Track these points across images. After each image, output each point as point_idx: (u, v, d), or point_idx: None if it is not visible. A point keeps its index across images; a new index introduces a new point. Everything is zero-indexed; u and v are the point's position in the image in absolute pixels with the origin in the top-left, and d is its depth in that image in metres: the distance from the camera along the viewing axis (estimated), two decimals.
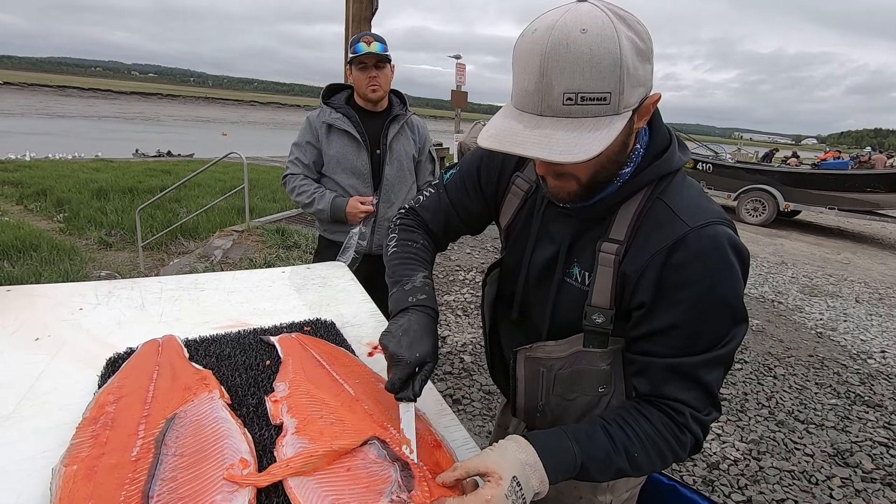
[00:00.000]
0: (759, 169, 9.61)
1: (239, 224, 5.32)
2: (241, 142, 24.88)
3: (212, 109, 75.99)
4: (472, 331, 3.39)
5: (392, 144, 1.88)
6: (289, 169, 1.93)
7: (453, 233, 0.99)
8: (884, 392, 3.06)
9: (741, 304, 0.68)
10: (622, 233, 0.71)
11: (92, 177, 9.11)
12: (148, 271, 5.17)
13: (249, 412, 0.78)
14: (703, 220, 0.67)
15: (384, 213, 1.90)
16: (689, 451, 0.72)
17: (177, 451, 0.64)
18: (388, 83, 1.85)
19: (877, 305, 4.80)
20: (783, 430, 2.55)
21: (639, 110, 0.63)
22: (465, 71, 11.56)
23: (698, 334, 0.67)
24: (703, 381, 0.69)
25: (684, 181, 0.73)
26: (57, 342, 0.99)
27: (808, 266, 6.11)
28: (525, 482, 0.62)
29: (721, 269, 0.66)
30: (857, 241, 8.49)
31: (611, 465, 0.67)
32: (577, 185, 0.69)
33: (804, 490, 2.14)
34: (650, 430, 0.69)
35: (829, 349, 3.64)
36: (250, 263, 4.01)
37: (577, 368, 0.80)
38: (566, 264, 0.79)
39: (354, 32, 2.61)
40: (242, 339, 1.02)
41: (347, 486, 0.62)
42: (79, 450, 0.63)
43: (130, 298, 1.23)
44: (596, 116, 0.59)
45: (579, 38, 0.56)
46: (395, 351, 0.73)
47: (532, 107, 0.61)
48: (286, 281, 1.43)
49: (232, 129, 37.92)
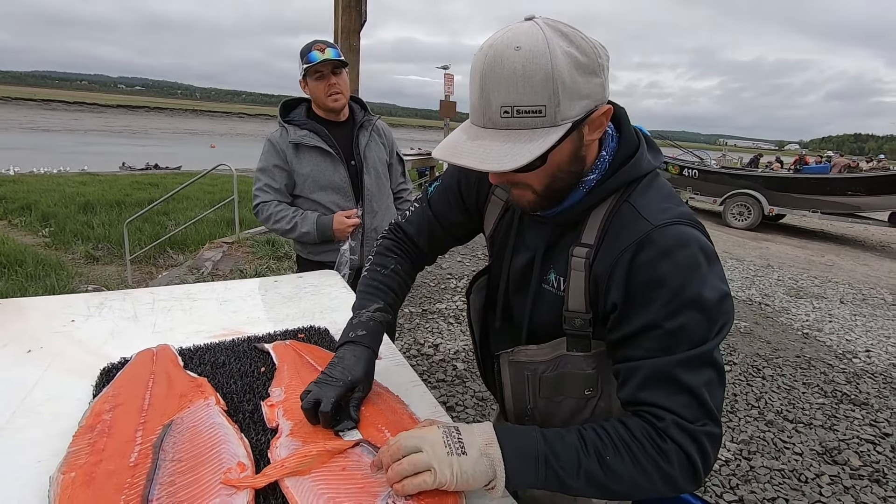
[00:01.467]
0: (744, 174, 9.77)
1: (229, 236, 5.30)
2: (230, 154, 24.78)
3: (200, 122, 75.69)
4: (465, 338, 3.40)
5: (366, 153, 1.83)
6: (259, 197, 1.80)
7: (439, 244, 1.02)
8: (869, 390, 3.11)
9: (716, 302, 0.66)
10: (592, 237, 0.73)
11: (78, 190, 9.02)
12: (136, 285, 5.11)
13: (245, 418, 0.79)
14: (667, 220, 0.68)
15: (370, 223, 1.88)
16: (680, 468, 0.64)
17: (174, 456, 0.65)
18: (348, 90, 1.78)
19: (860, 306, 4.89)
20: (772, 430, 2.59)
21: (586, 122, 0.65)
22: (453, 81, 11.68)
23: (674, 334, 0.65)
24: (687, 384, 0.65)
25: (653, 184, 0.74)
26: (49, 354, 0.99)
27: (793, 268, 6.21)
28: (466, 433, 0.65)
29: (690, 268, 0.66)
30: (840, 243, 8.65)
31: (580, 467, 0.64)
32: (532, 194, 0.71)
33: (794, 488, 2.17)
34: (625, 433, 0.66)
35: (815, 349, 3.70)
36: (241, 275, 3.99)
37: (563, 372, 0.81)
38: (542, 271, 0.81)
39: (343, 44, 2.63)
40: (237, 347, 1.02)
41: (343, 486, 0.63)
42: (76, 457, 0.64)
43: (122, 309, 1.23)
44: (532, 128, 0.62)
45: (513, 55, 0.60)
46: (326, 371, 0.79)
47: (477, 120, 0.65)
48: (279, 290, 1.44)
49: (220, 142, 37.80)
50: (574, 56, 0.61)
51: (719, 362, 0.67)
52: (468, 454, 0.63)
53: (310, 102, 1.83)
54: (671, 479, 0.64)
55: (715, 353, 0.66)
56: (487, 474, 0.62)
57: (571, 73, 0.61)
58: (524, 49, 0.60)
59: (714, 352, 0.66)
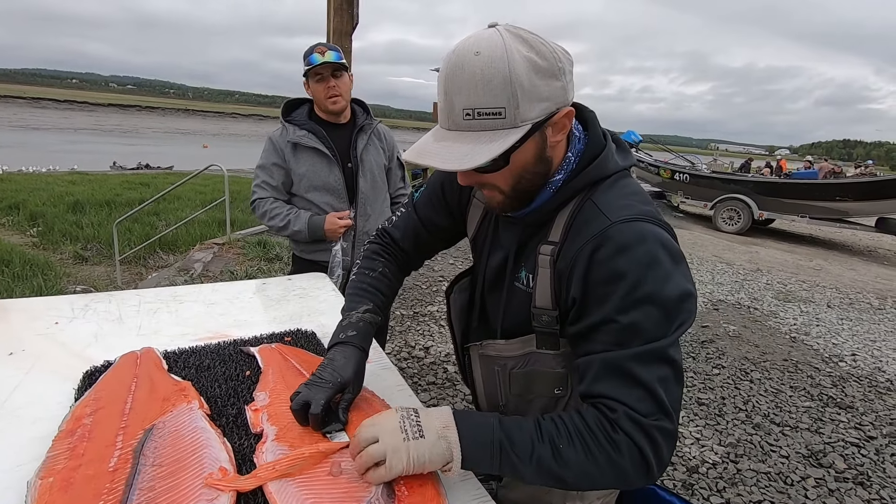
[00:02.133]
0: (734, 178, 9.87)
1: (220, 237, 5.27)
2: (223, 154, 24.63)
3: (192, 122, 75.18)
4: None
5: (363, 156, 1.86)
6: (256, 193, 1.85)
7: (425, 248, 1.04)
8: (854, 394, 3.15)
9: (676, 299, 0.66)
10: (558, 234, 0.75)
11: (67, 190, 8.92)
12: (125, 286, 5.07)
13: (229, 422, 0.79)
14: (626, 216, 0.69)
15: (362, 226, 1.89)
16: (631, 460, 0.65)
17: (155, 461, 0.64)
18: (349, 92, 1.81)
19: (847, 310, 4.95)
20: (759, 433, 2.61)
21: (549, 124, 0.67)
22: None
23: (628, 329, 0.66)
24: (640, 378, 0.65)
25: (617, 183, 0.75)
26: (31, 356, 0.98)
27: (782, 273, 6.28)
28: (425, 416, 0.67)
29: (647, 264, 0.66)
30: (828, 248, 8.76)
31: (533, 452, 0.65)
32: (500, 194, 0.74)
33: (780, 491, 2.19)
34: (580, 423, 0.67)
35: (802, 353, 3.74)
36: (231, 276, 3.97)
37: (532, 369, 0.83)
38: (514, 269, 0.83)
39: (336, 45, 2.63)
40: (222, 351, 1.02)
41: (327, 491, 0.63)
42: (54, 462, 0.63)
43: (108, 311, 1.22)
44: (492, 130, 0.64)
45: (473, 60, 0.63)
46: (316, 373, 0.79)
47: (442, 122, 0.68)
48: (267, 292, 1.43)
49: (213, 142, 37.54)
50: (533, 60, 0.63)
51: (676, 359, 0.67)
52: (426, 437, 0.65)
53: (312, 103, 1.86)
54: (622, 470, 0.65)
55: (672, 349, 0.66)
56: (444, 456, 0.64)
57: (530, 76, 0.63)
58: (483, 54, 0.62)
59: (670, 348, 0.66)
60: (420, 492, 0.64)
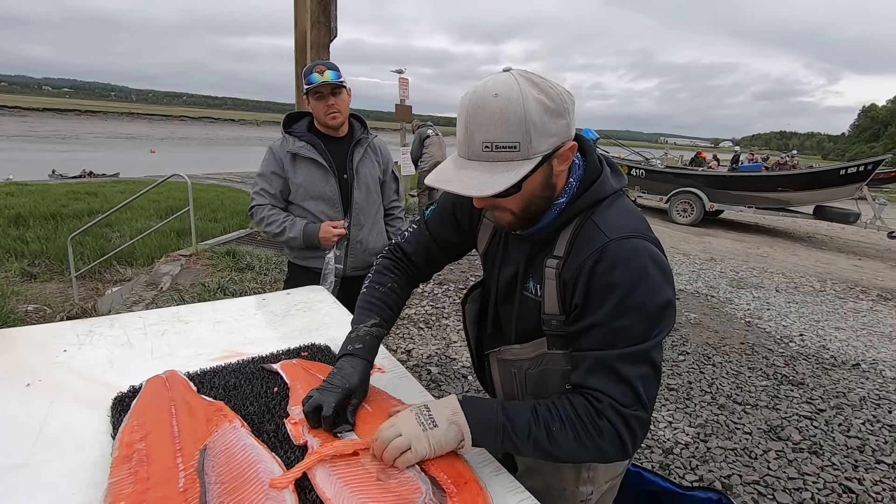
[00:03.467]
0: (686, 173, 10.40)
1: (185, 248, 5.12)
2: (173, 159, 23.64)
3: (137, 125, 71.64)
4: (436, 343, 3.47)
5: (358, 168, 1.94)
6: (255, 200, 1.94)
7: (435, 262, 1.13)
8: (804, 371, 3.44)
9: (660, 308, 0.77)
10: (562, 250, 0.85)
11: (6, 202, 8.36)
12: (83, 302, 4.85)
13: (270, 437, 0.83)
14: (623, 234, 0.80)
15: (356, 235, 1.96)
16: (613, 445, 0.77)
17: (217, 479, 0.68)
18: (347, 108, 1.90)
19: (793, 294, 5.35)
20: (724, 413, 2.82)
21: (555, 156, 0.77)
22: (408, 85, 11.70)
23: (617, 332, 0.77)
24: (625, 375, 0.76)
25: (614, 203, 0.86)
26: (50, 386, 0.98)
27: (733, 261, 6.69)
28: (435, 408, 0.79)
29: (639, 277, 0.76)
30: (773, 235, 9.37)
31: (530, 434, 0.77)
32: (511, 215, 0.84)
33: (746, 465, 2.38)
34: (570, 410, 0.78)
35: (757, 336, 4.03)
36: (203, 288, 3.88)
37: (546, 369, 0.92)
38: (524, 280, 0.92)
39: (313, 58, 2.64)
40: (244, 369, 1.05)
41: (381, 495, 0.69)
42: (119, 487, 0.66)
43: (114, 336, 1.22)
44: (508, 161, 0.74)
45: (492, 101, 0.72)
46: (326, 380, 0.88)
47: (462, 152, 0.77)
48: (269, 308, 1.46)
49: (161, 146, 35.91)
50: (543, 102, 0.73)
51: (656, 361, 0.79)
52: (439, 425, 0.77)
53: (312, 116, 1.93)
54: (602, 450, 0.78)
55: (653, 351, 0.78)
56: (457, 438, 0.77)
57: (541, 115, 0.73)
58: (501, 96, 0.72)
59: (652, 350, 0.78)
60: (466, 488, 0.71)
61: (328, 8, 2.52)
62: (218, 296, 3.77)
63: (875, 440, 2.65)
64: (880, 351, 3.91)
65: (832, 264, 7.10)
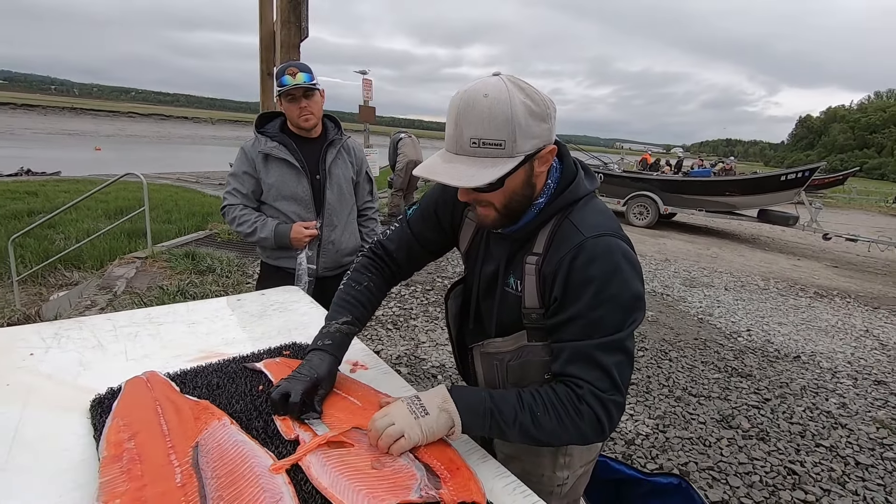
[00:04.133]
0: (642, 177, 10.83)
1: (140, 250, 4.91)
2: (120, 158, 22.47)
3: (81, 121, 67.59)
4: (405, 343, 3.49)
5: (331, 169, 1.94)
6: (227, 200, 1.93)
7: (416, 260, 1.16)
8: (752, 364, 3.67)
9: (632, 300, 0.84)
10: (541, 247, 0.91)
11: None
12: (26, 308, 4.57)
13: (259, 434, 0.84)
14: (597, 232, 0.86)
15: (328, 236, 1.95)
16: (591, 426, 0.83)
17: (213, 474, 0.69)
18: (320, 110, 1.90)
19: (740, 292, 5.68)
20: (681, 405, 2.98)
21: (536, 157, 0.82)
22: (371, 86, 11.64)
23: (594, 323, 0.83)
24: (602, 363, 0.82)
25: (588, 204, 0.92)
26: (21, 390, 0.95)
27: (686, 261, 7.03)
28: (425, 397, 0.83)
29: (613, 272, 0.83)
30: (721, 237, 9.91)
31: (516, 419, 0.82)
32: (494, 211, 0.88)
33: (701, 452, 2.53)
34: (553, 396, 0.84)
35: (708, 332, 4.27)
36: (162, 292, 3.74)
37: (526, 360, 0.97)
38: (504, 277, 0.97)
39: (283, 58, 2.61)
40: (226, 369, 1.05)
41: (378, 483, 0.71)
42: (113, 486, 0.65)
43: (83, 339, 1.19)
44: (494, 157, 0.79)
45: (482, 100, 0.77)
46: (294, 371, 0.91)
47: (451, 147, 0.82)
48: (244, 309, 1.45)
49: (107, 144, 33.98)
50: (528, 105, 0.78)
51: (630, 348, 0.85)
52: (430, 413, 0.81)
53: (285, 117, 1.92)
54: (582, 432, 0.84)
55: (627, 340, 0.84)
56: (448, 424, 0.81)
57: (526, 117, 0.78)
58: (490, 96, 0.77)
59: (626, 340, 0.84)
60: (458, 473, 0.75)
61: (299, 8, 2.49)
62: (178, 299, 3.64)
63: (814, 426, 2.87)
64: (818, 344, 4.22)
65: (774, 264, 7.58)
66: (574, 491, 1.13)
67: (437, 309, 4.18)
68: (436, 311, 4.12)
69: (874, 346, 4.29)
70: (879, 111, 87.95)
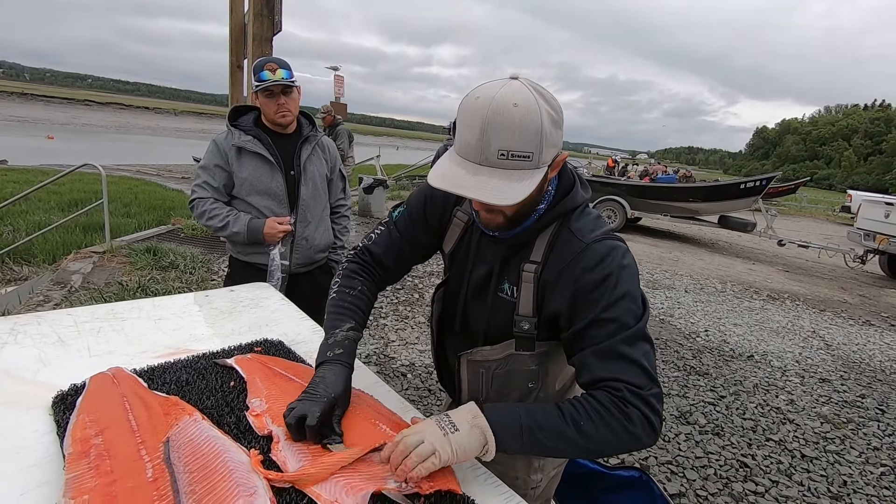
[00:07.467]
0: (611, 182, 11.12)
1: (97, 244, 4.71)
2: (75, 148, 21.38)
3: (31, 108, 63.99)
4: (374, 342, 3.48)
5: (306, 166, 1.92)
6: (196, 193, 1.86)
7: (405, 264, 1.12)
8: (709, 363, 3.84)
9: (639, 291, 0.86)
10: (540, 255, 0.91)
11: None
12: None
13: (232, 429, 0.83)
14: (596, 237, 0.88)
15: (302, 232, 1.94)
16: (642, 427, 0.78)
17: (185, 468, 0.68)
18: (297, 107, 1.88)
19: (699, 294, 5.92)
20: None
21: (552, 165, 0.82)
22: (343, 83, 11.54)
23: (613, 321, 0.82)
24: (631, 357, 0.80)
25: (584, 212, 0.93)
26: None
27: (650, 264, 7.26)
28: (455, 414, 0.79)
29: (619, 269, 0.84)
30: (683, 241, 10.28)
31: (560, 433, 0.78)
32: (503, 218, 0.88)
33: (660, 448, 2.63)
34: (595, 403, 0.80)
35: (669, 332, 4.43)
36: (121, 288, 3.60)
37: (511, 368, 0.98)
38: (498, 281, 0.96)
39: (256, 51, 2.56)
40: (195, 365, 1.03)
41: (354, 473, 0.72)
42: (80, 482, 0.64)
43: (41, 334, 1.14)
44: (522, 169, 0.77)
45: (512, 110, 0.74)
46: (309, 389, 0.85)
47: (473, 157, 0.77)
48: (213, 305, 1.42)
49: (60, 133, 32.25)
50: (551, 114, 0.77)
51: (649, 336, 0.85)
52: (460, 430, 0.76)
53: (259, 111, 1.89)
54: (635, 436, 0.80)
55: (646, 329, 0.85)
56: (480, 441, 0.77)
57: (550, 127, 0.77)
58: (521, 106, 0.74)
59: (645, 329, 0.84)
60: (436, 472, 0.75)
61: (272, 0, 2.46)
62: (139, 296, 3.52)
63: (765, 421, 3.02)
64: (769, 344, 4.44)
65: (731, 268, 7.92)
66: (546, 492, 1.15)
67: (406, 308, 4.19)
68: (406, 311, 4.13)
69: (820, 347, 4.55)
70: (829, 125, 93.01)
